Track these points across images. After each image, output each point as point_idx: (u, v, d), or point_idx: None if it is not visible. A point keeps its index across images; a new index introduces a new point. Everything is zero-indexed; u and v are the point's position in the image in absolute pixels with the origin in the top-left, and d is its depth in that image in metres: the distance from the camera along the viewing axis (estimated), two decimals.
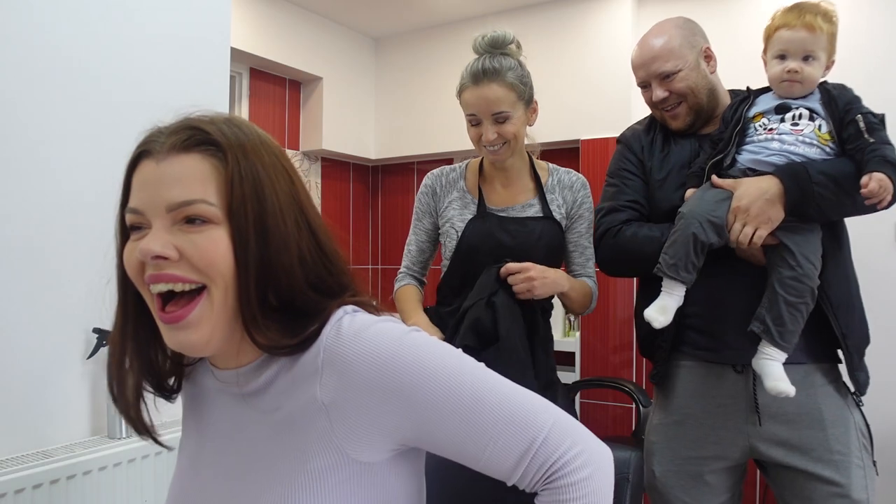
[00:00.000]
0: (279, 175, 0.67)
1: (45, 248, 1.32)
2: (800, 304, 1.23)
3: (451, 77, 3.59)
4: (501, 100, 1.40)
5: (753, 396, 1.30)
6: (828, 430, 1.28)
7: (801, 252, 1.24)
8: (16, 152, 1.27)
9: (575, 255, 1.54)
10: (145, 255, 0.62)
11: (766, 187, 1.24)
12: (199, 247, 0.62)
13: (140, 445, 1.37)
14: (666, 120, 1.48)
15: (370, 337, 0.65)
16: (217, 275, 0.63)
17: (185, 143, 0.65)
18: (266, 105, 3.14)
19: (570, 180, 1.55)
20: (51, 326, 1.33)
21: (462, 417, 0.64)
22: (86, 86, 1.39)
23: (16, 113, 1.27)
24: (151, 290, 0.65)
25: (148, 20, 1.51)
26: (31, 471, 1.19)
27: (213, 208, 0.63)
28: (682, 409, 1.39)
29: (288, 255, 0.65)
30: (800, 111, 1.29)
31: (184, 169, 0.64)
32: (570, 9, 2.97)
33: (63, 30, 1.35)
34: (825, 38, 1.27)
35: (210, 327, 0.64)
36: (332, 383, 0.65)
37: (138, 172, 0.67)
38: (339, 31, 3.39)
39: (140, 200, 0.65)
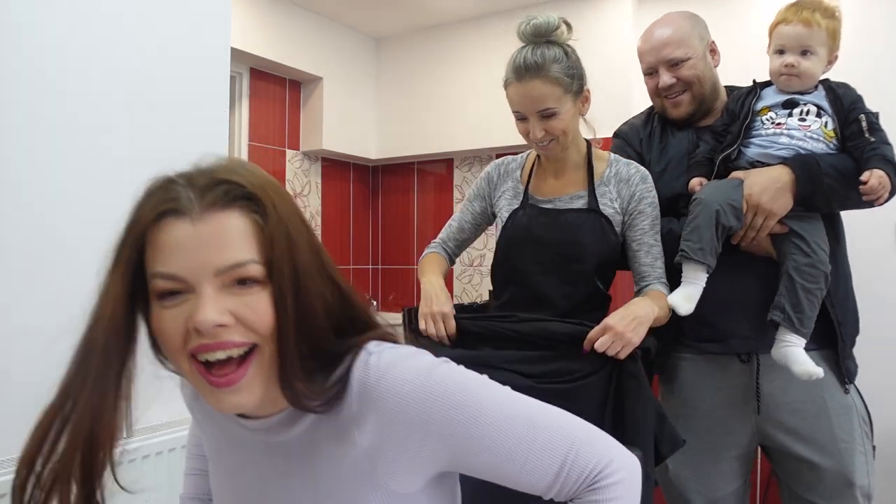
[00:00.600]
0: (299, 223, 0.65)
1: (47, 249, 1.32)
2: (816, 290, 1.26)
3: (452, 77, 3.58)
4: (546, 96, 1.30)
5: (756, 386, 1.33)
6: (832, 419, 1.31)
7: (812, 239, 1.28)
8: (16, 153, 1.28)
9: (641, 254, 1.37)
10: (206, 326, 0.58)
11: (778, 176, 1.27)
12: (254, 309, 0.60)
13: (140, 445, 1.37)
14: (667, 108, 1.50)
15: (399, 376, 0.65)
16: (267, 333, 0.61)
17: (224, 200, 0.61)
18: (266, 105, 3.14)
19: (629, 173, 1.40)
20: (51, 327, 1.33)
21: (497, 443, 0.65)
22: (86, 86, 1.39)
23: (15, 113, 1.27)
24: (200, 359, 0.61)
25: (148, 20, 1.51)
26: None
27: (258, 267, 0.60)
28: (690, 403, 1.41)
29: (318, 306, 0.64)
30: (808, 107, 1.31)
31: (227, 228, 0.60)
32: (570, 8, 2.97)
33: (63, 30, 1.35)
34: (824, 33, 1.29)
35: (261, 387, 0.63)
36: (370, 427, 0.65)
37: (166, 234, 0.61)
38: (340, 31, 3.39)
39: (179, 266, 0.60)
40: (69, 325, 0.69)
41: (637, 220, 1.38)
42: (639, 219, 1.38)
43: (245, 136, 3.02)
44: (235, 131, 2.98)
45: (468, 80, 3.29)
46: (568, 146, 1.39)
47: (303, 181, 3.32)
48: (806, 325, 1.25)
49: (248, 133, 3.04)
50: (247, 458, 0.73)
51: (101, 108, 1.41)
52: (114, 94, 1.44)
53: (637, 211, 1.38)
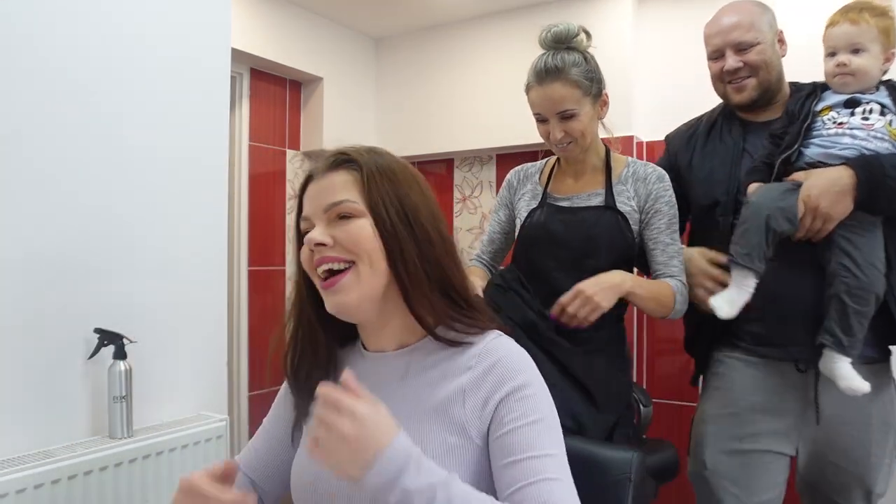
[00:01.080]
0: (412, 183, 0.87)
1: (47, 249, 1.32)
2: (867, 312, 1.22)
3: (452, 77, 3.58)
4: (566, 98, 1.36)
5: (815, 399, 1.30)
6: (873, 434, 1.31)
7: (864, 258, 1.23)
8: (16, 154, 1.28)
9: (656, 252, 1.41)
10: (310, 243, 0.83)
11: (838, 177, 1.22)
12: (348, 232, 0.83)
13: (141, 445, 1.37)
14: (729, 94, 1.46)
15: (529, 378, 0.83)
16: (363, 252, 0.82)
17: (333, 164, 0.87)
18: (267, 105, 3.14)
19: (646, 172, 1.43)
20: (52, 326, 1.33)
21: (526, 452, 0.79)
22: (87, 87, 1.39)
23: (16, 113, 1.28)
24: (318, 272, 0.85)
25: (148, 21, 1.51)
26: (32, 471, 1.19)
27: (355, 205, 0.83)
28: (739, 402, 1.39)
29: (419, 235, 0.84)
30: (870, 106, 1.27)
31: (333, 181, 0.85)
32: (570, 9, 2.97)
33: (64, 31, 1.35)
34: (874, 30, 1.26)
35: (358, 294, 0.83)
36: (482, 384, 0.83)
37: (306, 192, 0.88)
38: (340, 31, 3.39)
39: (307, 210, 0.87)
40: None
41: (653, 220, 1.41)
42: (655, 217, 1.41)
43: (245, 137, 3.03)
44: (236, 131, 2.99)
45: (469, 80, 3.29)
46: (587, 148, 1.43)
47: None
48: (856, 346, 1.23)
49: (249, 133, 3.04)
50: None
51: (101, 108, 1.42)
52: (114, 94, 1.44)
53: (654, 210, 1.41)
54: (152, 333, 1.49)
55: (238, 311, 2.98)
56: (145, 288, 1.50)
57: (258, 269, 3.09)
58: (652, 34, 2.92)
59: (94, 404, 1.39)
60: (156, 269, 1.52)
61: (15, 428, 1.27)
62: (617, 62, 2.87)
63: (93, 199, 1.40)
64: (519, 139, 2.99)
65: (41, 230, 1.31)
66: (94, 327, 1.37)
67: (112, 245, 1.43)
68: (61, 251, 1.34)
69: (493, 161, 3.35)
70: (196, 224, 1.62)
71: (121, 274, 1.45)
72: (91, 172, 1.40)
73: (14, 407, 1.27)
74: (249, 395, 3.03)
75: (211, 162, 1.66)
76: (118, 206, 1.45)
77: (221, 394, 1.68)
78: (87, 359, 1.37)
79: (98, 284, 1.41)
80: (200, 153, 1.63)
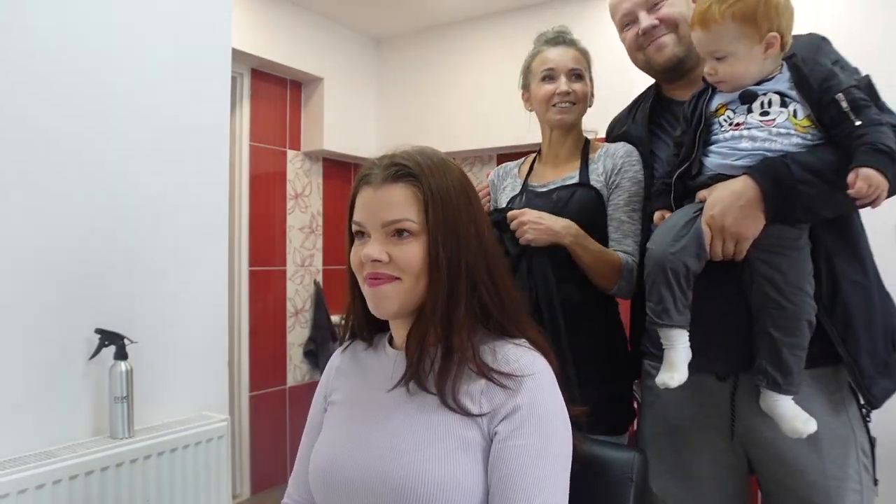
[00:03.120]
0: (459, 199, 0.88)
1: (48, 249, 1.32)
2: (801, 342, 1.06)
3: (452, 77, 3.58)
4: (579, 60, 1.50)
5: (731, 409, 1.16)
6: (823, 451, 1.10)
7: (788, 283, 1.06)
8: (20, 153, 1.28)
9: (611, 229, 1.38)
10: (367, 259, 0.86)
11: (741, 191, 1.04)
12: (404, 252, 0.85)
13: (142, 446, 1.37)
14: (651, 58, 1.33)
15: (551, 401, 0.84)
16: (412, 271, 0.85)
17: (394, 176, 0.86)
18: (267, 105, 3.15)
19: (616, 148, 1.44)
20: (54, 326, 1.33)
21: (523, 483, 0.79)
22: (89, 88, 1.39)
23: (17, 113, 1.28)
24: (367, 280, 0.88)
25: (149, 22, 1.51)
26: (33, 471, 1.20)
27: (414, 224, 0.85)
28: (672, 419, 1.25)
29: (464, 258, 0.86)
30: (768, 97, 1.07)
31: (393, 195, 0.86)
32: (571, 8, 2.97)
33: (64, 32, 1.35)
34: (730, 26, 1.04)
35: (399, 303, 0.87)
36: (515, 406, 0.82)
37: (360, 195, 0.89)
38: (340, 31, 3.39)
39: (362, 216, 0.88)
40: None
41: (613, 194, 1.41)
42: (615, 193, 1.40)
43: (246, 137, 3.03)
44: (237, 132, 2.99)
45: (469, 80, 3.29)
46: (578, 122, 1.51)
47: (304, 181, 3.33)
48: (795, 382, 1.06)
49: (250, 133, 3.05)
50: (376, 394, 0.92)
51: (102, 109, 1.42)
52: (115, 94, 1.44)
53: (615, 184, 1.41)
54: (153, 334, 1.49)
55: (239, 311, 2.99)
56: (146, 288, 1.50)
57: (259, 269, 3.09)
58: None
59: (95, 405, 1.40)
60: (156, 269, 1.52)
61: (16, 428, 1.27)
62: (617, 62, 2.87)
63: (94, 200, 1.40)
64: (519, 140, 2.99)
65: (42, 231, 1.32)
66: (95, 328, 1.37)
67: (113, 246, 1.44)
68: (62, 252, 1.34)
69: (493, 160, 3.35)
70: (197, 224, 1.62)
71: (122, 275, 1.45)
72: (92, 173, 1.40)
73: (15, 407, 1.27)
74: (250, 396, 3.03)
75: (212, 162, 1.66)
76: (119, 207, 1.45)
77: (222, 394, 1.68)
78: (89, 359, 1.37)
79: (99, 285, 1.41)
80: (201, 153, 1.63)
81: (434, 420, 0.84)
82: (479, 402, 0.83)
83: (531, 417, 0.81)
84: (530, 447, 0.80)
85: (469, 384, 0.84)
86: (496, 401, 0.83)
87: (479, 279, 0.87)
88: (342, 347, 1.04)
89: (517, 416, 0.81)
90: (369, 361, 0.98)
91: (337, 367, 1.02)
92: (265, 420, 3.11)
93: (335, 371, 1.02)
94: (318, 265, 3.42)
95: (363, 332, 0.99)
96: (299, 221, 3.31)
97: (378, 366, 0.95)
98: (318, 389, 1.04)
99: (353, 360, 1.00)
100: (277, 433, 3.18)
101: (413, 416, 0.86)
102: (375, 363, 0.97)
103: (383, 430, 0.87)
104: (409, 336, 0.88)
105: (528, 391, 0.82)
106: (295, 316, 3.27)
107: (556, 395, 0.85)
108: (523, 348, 0.87)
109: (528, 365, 0.84)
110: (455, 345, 0.85)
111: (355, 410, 0.93)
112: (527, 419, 0.81)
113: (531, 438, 0.80)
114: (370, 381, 0.95)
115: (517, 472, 0.79)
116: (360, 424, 0.90)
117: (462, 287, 0.86)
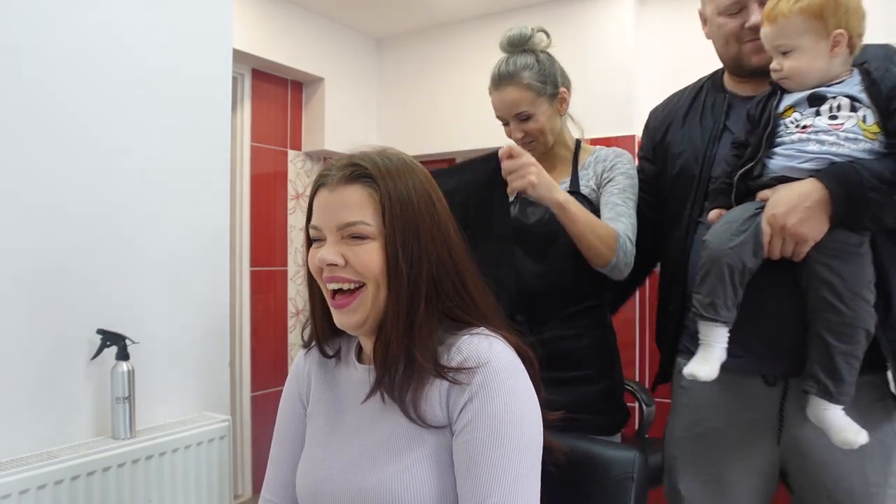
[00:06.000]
0: (420, 199, 0.85)
1: (50, 250, 1.32)
2: (856, 350, 1.04)
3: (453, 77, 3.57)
4: (519, 101, 1.42)
5: (780, 416, 1.15)
6: (865, 458, 1.10)
7: (848, 289, 1.04)
8: (18, 155, 1.28)
9: (604, 210, 1.37)
10: (322, 262, 0.84)
11: (807, 192, 1.03)
12: (359, 256, 0.83)
13: (144, 446, 1.38)
14: (745, 56, 1.25)
15: (506, 388, 0.80)
16: (371, 276, 0.83)
17: (349, 177, 0.84)
18: (268, 106, 3.15)
19: (606, 153, 1.45)
20: (55, 327, 1.33)
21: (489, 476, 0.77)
22: (90, 88, 1.39)
23: (18, 113, 1.28)
24: (330, 288, 0.86)
25: (150, 22, 1.51)
26: (35, 471, 1.20)
27: (369, 227, 0.82)
28: (705, 422, 1.23)
29: (426, 259, 0.83)
30: (837, 101, 1.05)
31: (348, 197, 0.83)
32: (571, 8, 2.97)
33: (65, 32, 1.35)
34: (798, 20, 1.04)
35: (364, 314, 0.84)
36: (468, 398, 0.81)
37: (317, 198, 0.86)
38: (341, 31, 3.39)
39: (318, 220, 0.86)
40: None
41: (607, 187, 1.40)
42: (608, 185, 1.40)
43: (247, 137, 3.03)
44: (238, 132, 2.99)
45: (469, 79, 3.29)
46: (551, 144, 1.47)
47: (305, 181, 3.33)
48: (846, 392, 1.04)
49: (251, 134, 3.05)
50: (352, 407, 0.92)
51: (103, 109, 1.42)
52: (116, 95, 1.44)
53: (608, 179, 1.41)
54: (155, 334, 1.49)
55: (240, 311, 2.99)
56: (147, 289, 1.50)
57: (260, 269, 3.09)
58: (653, 33, 2.91)
59: (96, 405, 1.40)
60: (158, 269, 1.52)
61: (18, 429, 1.28)
62: (618, 61, 2.87)
63: (95, 200, 1.40)
64: None
65: (44, 231, 1.32)
66: (96, 328, 1.37)
67: (114, 246, 1.44)
68: (64, 252, 1.35)
69: None
70: (198, 225, 1.62)
71: (123, 275, 1.45)
72: (93, 173, 1.40)
73: (17, 408, 1.28)
74: (252, 396, 3.03)
75: (213, 162, 1.67)
76: (120, 207, 1.45)
77: (224, 394, 1.68)
78: (90, 360, 1.37)
79: (100, 285, 1.41)
80: (202, 154, 1.63)
81: (407, 431, 0.84)
82: (442, 406, 0.82)
83: (483, 408, 0.79)
84: (483, 439, 0.78)
85: (431, 390, 0.83)
86: (453, 399, 0.82)
87: (444, 285, 0.85)
88: (306, 351, 1.02)
89: (469, 408, 0.80)
90: (340, 371, 0.97)
91: (309, 372, 1.00)
92: (267, 420, 3.11)
93: (307, 376, 1.00)
94: None
95: (325, 339, 0.96)
96: (300, 222, 3.30)
97: (349, 379, 0.94)
98: (289, 390, 1.02)
99: (324, 369, 0.99)
100: None
101: (386, 427, 0.85)
102: (346, 373, 0.95)
103: (357, 445, 0.87)
104: (374, 350, 0.86)
105: (478, 381, 0.80)
106: (296, 316, 3.28)
107: (513, 380, 0.81)
108: (480, 336, 0.84)
109: (483, 352, 0.82)
110: (416, 354, 0.83)
111: (333, 425, 0.93)
112: (479, 411, 0.79)
113: (484, 431, 0.78)
114: (345, 393, 0.94)
115: (473, 468, 0.78)
116: (338, 439, 0.90)
117: (423, 293, 0.83)
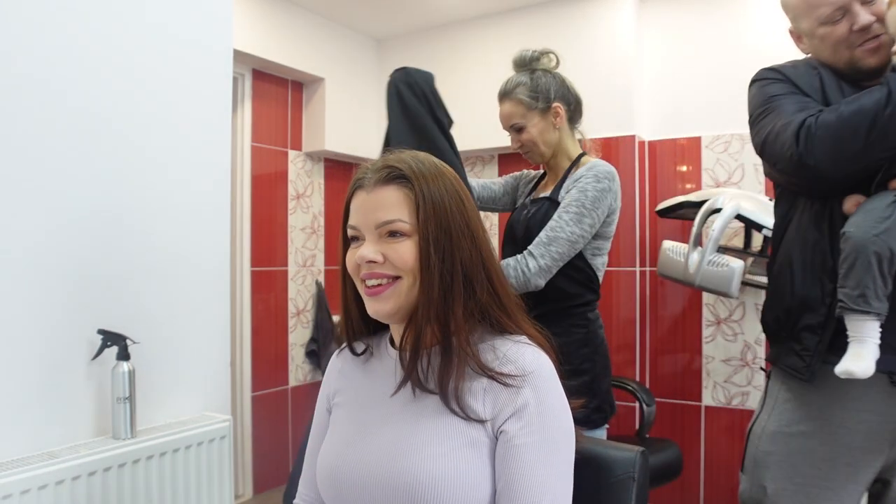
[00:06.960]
0: (451, 200, 0.89)
1: (51, 250, 1.32)
2: None
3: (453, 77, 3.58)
4: (512, 114, 1.63)
5: None
6: None
7: None
8: (19, 156, 1.28)
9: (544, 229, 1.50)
10: (361, 260, 0.88)
11: None
12: (398, 252, 0.87)
13: (144, 446, 1.38)
14: (859, 59, 1.18)
15: (555, 397, 0.85)
16: (408, 270, 0.86)
17: (385, 178, 0.88)
18: (269, 106, 3.15)
19: (589, 166, 1.54)
20: (56, 327, 1.33)
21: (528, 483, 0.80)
22: (89, 89, 1.39)
23: (19, 114, 1.28)
24: (367, 284, 0.89)
25: (150, 22, 1.51)
26: (36, 472, 1.20)
27: (406, 225, 0.87)
28: (812, 419, 1.16)
29: (457, 257, 0.87)
30: None
31: (386, 197, 0.88)
32: (572, 8, 2.97)
33: (65, 32, 1.35)
34: None
35: (396, 303, 0.88)
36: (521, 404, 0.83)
37: (354, 200, 0.92)
38: (341, 32, 3.39)
39: (356, 220, 0.90)
40: None
41: (564, 200, 1.53)
42: (565, 199, 1.53)
43: (248, 137, 3.03)
44: (238, 132, 2.99)
45: (469, 80, 3.29)
46: (548, 154, 1.62)
47: (305, 182, 3.33)
48: None
49: (251, 134, 3.05)
50: (383, 395, 0.93)
51: (103, 109, 1.42)
52: (117, 95, 1.44)
53: (567, 191, 1.53)
54: (155, 334, 1.49)
55: (241, 311, 2.99)
56: (148, 289, 1.50)
57: (261, 269, 3.09)
58: (654, 34, 2.91)
59: (97, 405, 1.40)
60: (159, 270, 1.52)
61: (19, 429, 1.28)
62: (619, 62, 2.87)
63: (95, 200, 1.40)
64: None
65: (44, 231, 1.32)
66: (97, 328, 1.37)
67: (115, 246, 1.44)
68: (65, 253, 1.35)
69: (494, 161, 3.35)
70: (199, 225, 1.62)
71: (124, 275, 1.45)
72: (93, 173, 1.40)
73: (18, 408, 1.28)
74: (252, 396, 3.03)
75: (213, 163, 1.67)
76: (121, 208, 1.45)
77: (224, 394, 1.68)
78: (91, 360, 1.38)
79: (101, 285, 1.41)
80: (203, 154, 1.63)
81: (439, 420, 0.85)
82: (483, 402, 0.84)
83: (537, 415, 0.82)
84: (538, 445, 0.81)
85: (471, 383, 0.85)
86: (501, 399, 0.83)
87: (476, 279, 0.88)
88: (338, 350, 1.06)
89: (523, 413, 0.82)
90: (372, 363, 0.99)
91: (340, 370, 1.03)
92: (267, 420, 3.11)
93: (337, 373, 1.03)
94: (319, 265, 3.43)
95: (361, 335, 1.00)
96: (301, 222, 3.31)
97: (381, 368, 0.97)
98: (322, 392, 1.06)
99: (355, 363, 1.02)
100: (280, 433, 3.18)
101: (418, 416, 0.87)
102: (378, 365, 0.98)
103: (388, 431, 0.88)
104: (405, 337, 0.89)
105: (532, 388, 0.83)
106: (297, 316, 3.28)
107: (559, 391, 0.86)
108: (523, 345, 0.88)
109: (531, 362, 0.85)
110: (454, 345, 0.86)
111: (360, 412, 0.95)
112: (533, 417, 0.82)
113: (538, 436, 0.81)
114: (374, 383, 0.96)
115: (526, 471, 0.80)
116: (366, 425, 0.92)
117: (458, 287, 0.87)
